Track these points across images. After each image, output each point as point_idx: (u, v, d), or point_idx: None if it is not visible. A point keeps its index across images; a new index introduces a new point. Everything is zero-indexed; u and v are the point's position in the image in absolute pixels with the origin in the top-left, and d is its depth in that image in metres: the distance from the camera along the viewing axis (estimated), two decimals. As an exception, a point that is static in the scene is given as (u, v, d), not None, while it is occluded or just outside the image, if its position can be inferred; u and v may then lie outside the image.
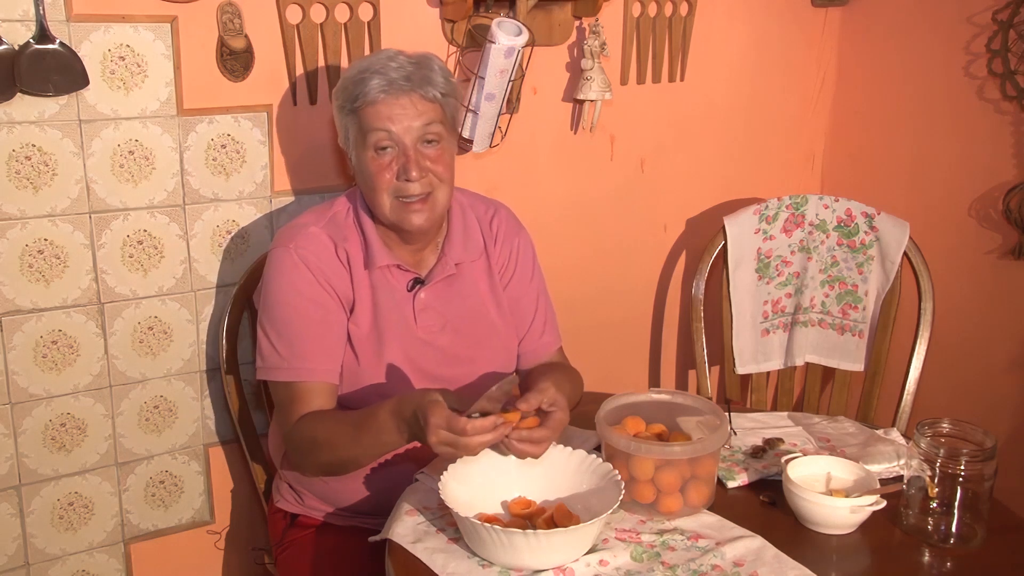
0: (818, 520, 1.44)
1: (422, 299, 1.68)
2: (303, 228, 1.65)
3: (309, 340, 1.59)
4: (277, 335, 1.61)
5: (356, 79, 1.59)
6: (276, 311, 1.61)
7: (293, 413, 1.59)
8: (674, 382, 2.67)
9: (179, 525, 2.06)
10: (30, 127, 1.73)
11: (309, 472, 1.65)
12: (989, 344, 2.30)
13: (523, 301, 1.79)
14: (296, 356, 1.59)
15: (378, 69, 1.58)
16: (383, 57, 1.61)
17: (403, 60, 1.60)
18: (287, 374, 1.60)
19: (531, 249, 1.83)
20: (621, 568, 1.33)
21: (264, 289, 1.65)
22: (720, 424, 1.49)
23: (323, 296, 1.61)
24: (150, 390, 1.96)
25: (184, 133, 1.87)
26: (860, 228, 2.26)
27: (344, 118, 1.63)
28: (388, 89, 1.57)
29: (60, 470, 1.91)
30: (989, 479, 1.41)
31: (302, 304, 1.60)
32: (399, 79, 1.57)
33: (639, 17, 2.28)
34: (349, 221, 1.68)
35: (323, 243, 1.64)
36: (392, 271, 1.66)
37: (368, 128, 1.58)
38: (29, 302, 1.81)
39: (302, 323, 1.60)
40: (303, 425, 1.57)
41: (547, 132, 2.28)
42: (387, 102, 1.57)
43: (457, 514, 1.33)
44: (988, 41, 2.19)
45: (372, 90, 1.56)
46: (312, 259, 1.61)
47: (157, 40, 1.80)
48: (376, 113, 1.57)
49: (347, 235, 1.66)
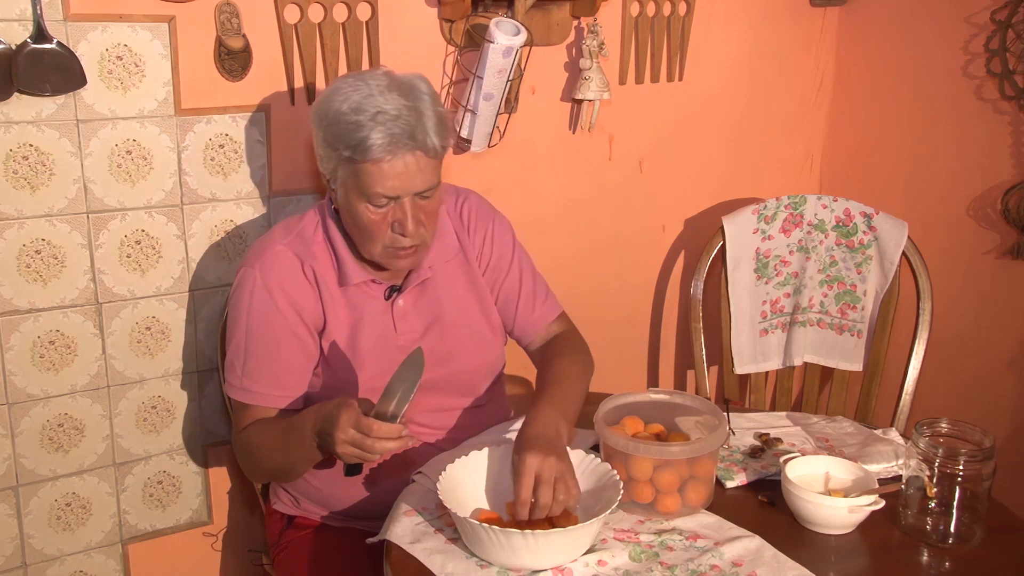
0: (817, 520, 1.44)
1: (400, 306, 1.67)
2: (270, 247, 1.63)
3: (263, 365, 1.61)
4: (235, 352, 1.63)
5: (351, 123, 1.48)
6: (236, 331, 1.63)
7: (238, 424, 1.65)
8: (673, 382, 2.67)
9: (177, 526, 2.06)
10: (27, 127, 1.72)
11: (255, 479, 1.71)
12: (988, 344, 2.30)
13: (506, 284, 1.77)
14: (249, 378, 1.62)
15: (373, 115, 1.47)
16: (374, 90, 1.50)
17: (397, 101, 1.49)
18: (239, 394, 1.64)
19: (508, 231, 1.79)
20: (620, 568, 1.33)
21: (229, 304, 1.67)
22: (719, 424, 1.49)
23: (282, 322, 1.60)
24: (148, 390, 1.95)
25: (182, 133, 1.86)
26: (858, 228, 2.26)
27: (334, 159, 1.53)
28: (391, 148, 1.47)
29: (58, 470, 1.90)
30: (987, 479, 1.41)
31: (260, 329, 1.61)
32: (402, 136, 1.47)
33: (637, 17, 2.28)
34: (318, 237, 1.64)
35: (288, 262, 1.62)
36: (368, 284, 1.65)
37: (368, 188, 1.50)
38: (26, 302, 1.80)
39: (259, 348, 1.61)
40: (245, 434, 1.62)
41: (545, 132, 2.28)
42: (391, 163, 1.48)
43: (455, 514, 1.33)
44: (986, 41, 2.19)
45: (374, 147, 1.47)
46: (275, 282, 1.60)
47: (155, 40, 1.79)
48: (379, 173, 1.49)
49: (315, 252, 1.63)
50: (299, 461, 1.57)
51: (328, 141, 1.53)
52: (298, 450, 1.52)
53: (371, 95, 1.50)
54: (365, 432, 1.37)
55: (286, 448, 1.54)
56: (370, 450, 1.38)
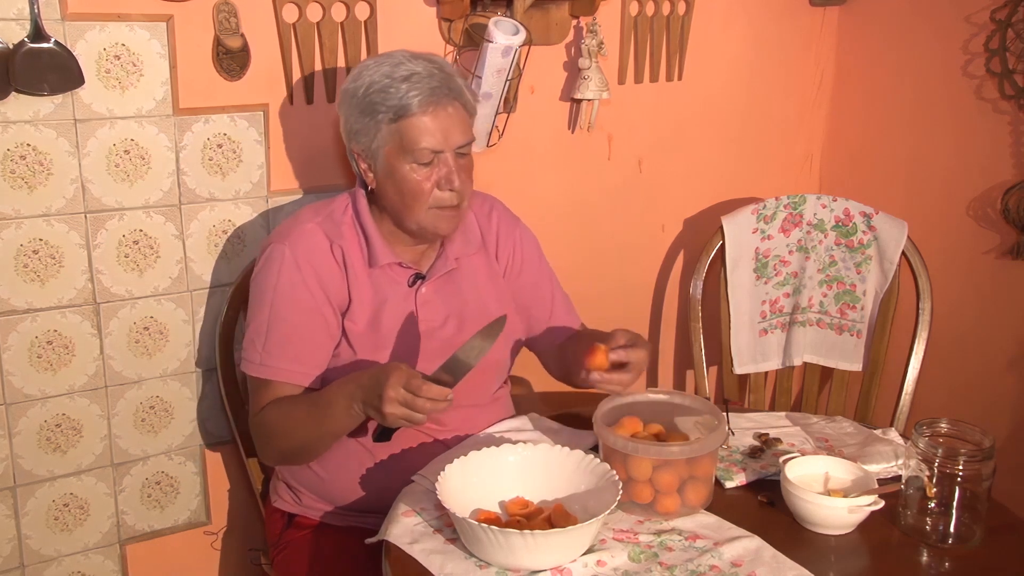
0: (816, 520, 1.44)
1: (424, 294, 1.69)
2: (299, 225, 1.66)
3: (286, 342, 1.61)
4: (256, 330, 1.63)
5: (388, 88, 1.56)
6: (260, 307, 1.63)
7: (257, 404, 1.64)
8: (672, 382, 2.67)
9: (175, 526, 2.06)
10: (25, 126, 1.72)
11: (272, 460, 1.71)
12: (987, 344, 2.30)
13: (539, 288, 1.84)
14: (270, 354, 1.62)
15: (407, 76, 1.56)
16: (401, 59, 1.58)
17: (425, 65, 1.58)
18: (259, 370, 1.63)
19: (532, 237, 1.87)
20: (619, 569, 1.33)
21: (253, 281, 1.67)
22: (718, 424, 1.49)
23: (309, 299, 1.62)
24: (146, 390, 1.95)
25: (180, 132, 1.86)
26: (858, 228, 2.26)
27: (372, 128, 1.59)
28: (433, 99, 1.55)
29: (55, 471, 1.90)
30: (987, 479, 1.40)
31: (285, 305, 1.61)
32: (440, 88, 1.56)
33: (637, 16, 2.28)
34: (347, 219, 1.68)
35: (317, 241, 1.64)
36: (393, 268, 1.67)
37: (414, 145, 1.56)
38: (24, 302, 1.80)
39: (282, 324, 1.61)
40: (265, 412, 1.62)
41: (544, 132, 2.28)
42: (434, 114, 1.56)
43: (454, 514, 1.32)
44: (986, 40, 2.19)
45: (416, 101, 1.54)
46: (304, 258, 1.62)
47: (153, 39, 1.79)
48: (423, 127, 1.56)
49: (344, 233, 1.66)
50: (327, 434, 1.57)
51: (365, 111, 1.59)
52: (329, 420, 1.53)
53: (400, 63, 1.58)
54: (415, 392, 1.38)
55: (314, 420, 1.55)
56: (419, 410, 1.40)
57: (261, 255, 1.66)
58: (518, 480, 1.47)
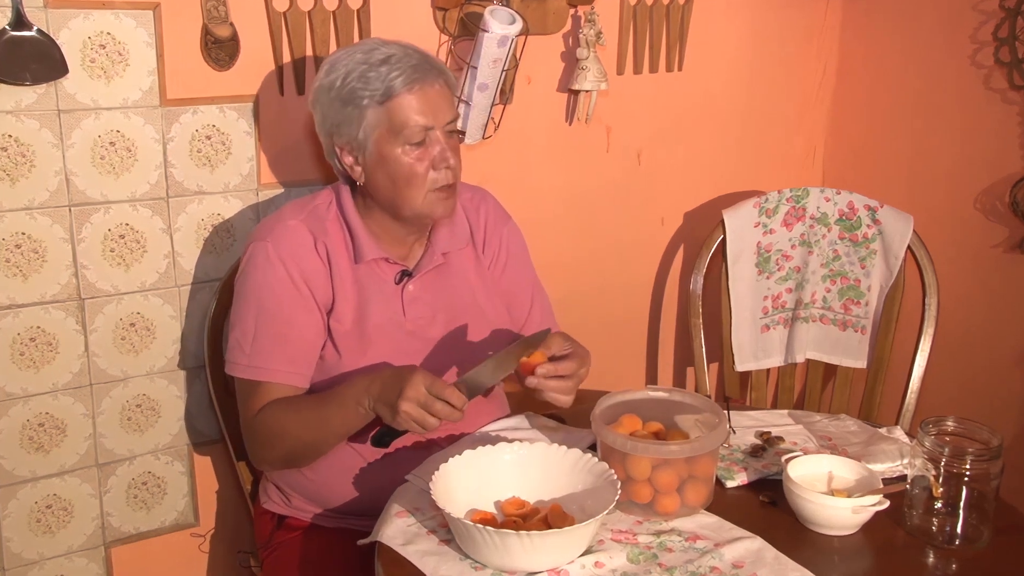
0: (819, 521, 1.43)
1: (411, 291, 1.67)
2: (282, 222, 1.64)
3: (274, 341, 1.60)
4: (243, 331, 1.61)
5: (367, 73, 1.53)
6: (246, 307, 1.61)
7: (251, 408, 1.61)
8: (672, 379, 2.67)
9: (162, 528, 2.04)
10: (6, 117, 1.70)
11: (268, 464, 1.68)
12: (995, 340, 2.30)
13: (519, 289, 1.81)
14: (258, 355, 1.60)
15: (385, 58, 1.54)
16: (373, 45, 1.57)
17: (400, 47, 1.56)
18: (248, 372, 1.61)
19: (520, 237, 1.84)
20: (617, 570, 1.32)
21: (237, 281, 1.65)
22: (719, 422, 1.48)
23: (295, 296, 1.60)
24: (132, 388, 1.94)
25: (167, 124, 1.84)
26: (863, 222, 2.26)
27: (355, 116, 1.55)
28: (418, 76, 1.54)
29: (38, 471, 1.88)
30: (995, 478, 1.40)
31: (271, 304, 1.60)
32: (422, 65, 1.55)
33: (636, 5, 2.27)
34: (331, 214, 1.66)
35: (301, 238, 1.62)
36: (379, 264, 1.65)
37: (403, 125, 1.54)
38: (6, 298, 1.78)
39: (271, 323, 1.60)
40: (263, 414, 1.59)
41: (541, 123, 2.27)
42: (421, 91, 1.54)
43: (449, 515, 1.32)
44: (995, 29, 2.18)
45: (400, 79, 1.53)
46: (289, 256, 1.60)
47: (139, 28, 1.77)
48: (411, 105, 1.54)
49: (328, 228, 1.64)
50: (332, 435, 1.55)
51: (346, 100, 1.56)
52: (336, 418, 1.52)
53: (373, 48, 1.57)
54: (437, 395, 1.40)
55: (319, 421, 1.53)
56: (435, 413, 1.41)
57: (244, 254, 1.64)
58: (514, 480, 1.46)
